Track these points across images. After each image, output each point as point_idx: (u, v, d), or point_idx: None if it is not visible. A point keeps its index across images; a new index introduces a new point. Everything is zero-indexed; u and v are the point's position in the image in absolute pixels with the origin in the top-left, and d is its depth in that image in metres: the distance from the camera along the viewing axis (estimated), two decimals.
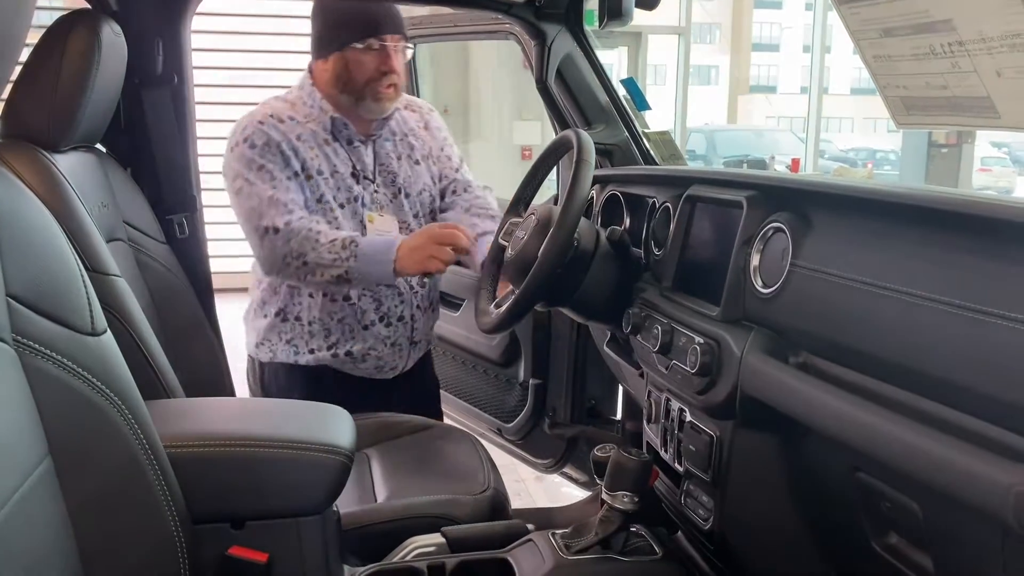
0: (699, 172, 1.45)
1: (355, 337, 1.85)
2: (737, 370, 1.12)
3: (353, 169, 1.83)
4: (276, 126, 1.77)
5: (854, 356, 0.99)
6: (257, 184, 1.73)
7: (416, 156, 1.93)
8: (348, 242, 1.70)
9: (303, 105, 1.82)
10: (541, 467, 2.37)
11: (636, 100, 1.94)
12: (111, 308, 1.30)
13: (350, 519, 1.41)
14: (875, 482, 0.97)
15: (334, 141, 1.82)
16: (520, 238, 1.56)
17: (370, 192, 1.85)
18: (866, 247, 1.00)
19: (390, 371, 1.91)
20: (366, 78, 1.77)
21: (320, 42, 1.81)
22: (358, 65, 1.76)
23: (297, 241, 1.69)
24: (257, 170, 1.74)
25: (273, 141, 1.75)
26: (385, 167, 1.88)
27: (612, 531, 1.28)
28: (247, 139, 1.75)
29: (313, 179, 1.78)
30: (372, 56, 1.76)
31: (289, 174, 1.76)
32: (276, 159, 1.75)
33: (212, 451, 1.12)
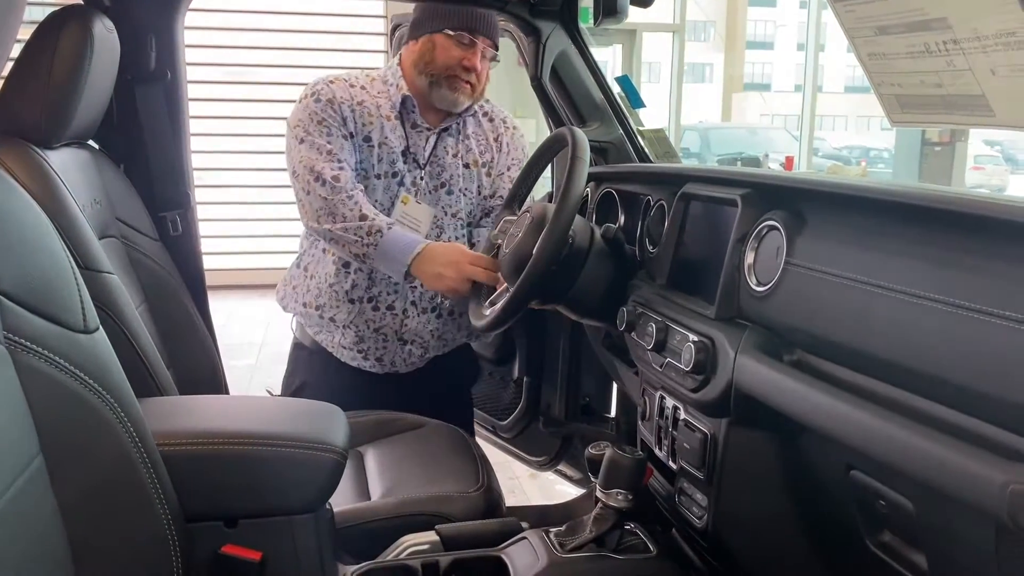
0: (694, 170, 1.45)
1: (339, 306, 1.88)
2: (731, 368, 1.12)
3: (406, 148, 1.87)
4: (344, 87, 1.83)
5: (848, 354, 0.99)
6: (315, 136, 1.79)
7: (470, 159, 1.94)
8: (375, 230, 1.74)
9: (381, 81, 1.89)
10: (535, 465, 2.37)
11: (631, 97, 1.94)
12: (104, 306, 1.30)
13: (344, 517, 1.41)
14: (869, 480, 0.97)
15: (397, 119, 1.86)
16: (515, 236, 1.56)
17: (413, 176, 1.88)
18: (860, 245, 1.00)
19: (376, 362, 1.91)
20: (448, 64, 1.81)
21: (417, 24, 1.87)
22: (445, 50, 1.81)
23: (335, 201, 1.75)
24: (317, 123, 1.80)
25: (337, 99, 1.81)
26: (438, 159, 1.90)
27: (606, 529, 1.28)
28: (314, 93, 1.82)
29: (360, 144, 1.83)
30: (461, 47, 1.81)
31: (345, 133, 1.81)
32: (336, 116, 1.81)
33: (205, 449, 1.11)
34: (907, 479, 0.87)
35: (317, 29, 6.66)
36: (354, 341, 1.90)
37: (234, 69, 6.52)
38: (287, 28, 6.63)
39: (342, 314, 1.88)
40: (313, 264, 1.92)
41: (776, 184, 1.19)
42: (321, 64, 5.77)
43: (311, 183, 1.77)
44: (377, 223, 1.75)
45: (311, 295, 1.91)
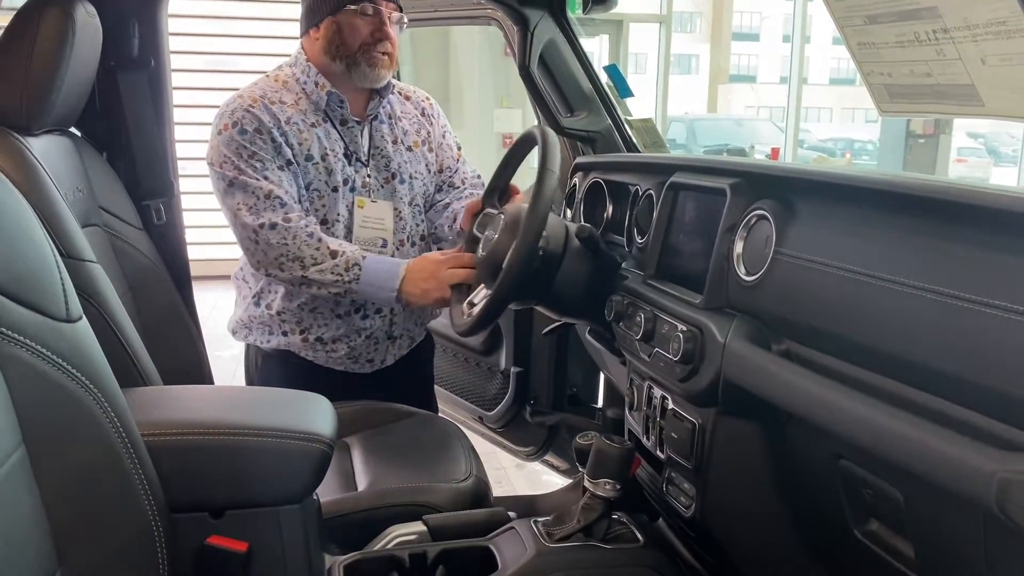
0: (682, 159, 1.45)
1: (327, 324, 1.80)
2: (720, 358, 1.12)
3: (346, 150, 1.78)
4: (267, 108, 1.70)
5: (837, 344, 0.99)
6: (249, 175, 1.66)
7: (410, 142, 1.88)
8: (351, 264, 1.67)
9: (295, 83, 1.77)
10: (522, 455, 2.37)
11: (619, 87, 1.93)
12: (86, 294, 1.28)
13: (331, 507, 1.40)
14: (857, 469, 0.97)
15: (325, 121, 1.77)
16: (491, 238, 1.55)
17: (362, 176, 1.80)
18: (850, 235, 1.00)
19: (366, 363, 1.87)
20: (360, 41, 1.72)
21: (312, 10, 1.76)
22: (352, 29, 1.72)
23: (296, 245, 1.65)
24: (248, 158, 1.67)
25: (265, 126, 1.68)
26: (379, 150, 1.83)
27: (594, 519, 1.28)
28: (236, 123, 1.68)
29: (303, 165, 1.73)
30: (366, 20, 1.72)
31: (281, 163, 1.70)
32: (268, 146, 1.68)
33: (190, 439, 1.10)
34: (895, 468, 0.87)
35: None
36: (345, 352, 1.84)
37: (220, 57, 6.47)
38: (272, 16, 6.58)
39: (330, 331, 1.81)
40: (280, 300, 1.79)
41: (765, 173, 1.19)
42: None
43: (259, 232, 1.65)
44: (351, 256, 1.68)
45: (289, 325, 1.81)
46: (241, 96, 1.72)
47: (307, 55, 1.78)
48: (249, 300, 1.83)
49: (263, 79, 1.78)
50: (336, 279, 1.67)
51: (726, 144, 12.70)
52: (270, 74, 1.80)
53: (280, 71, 1.80)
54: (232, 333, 1.89)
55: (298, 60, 1.79)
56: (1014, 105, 0.96)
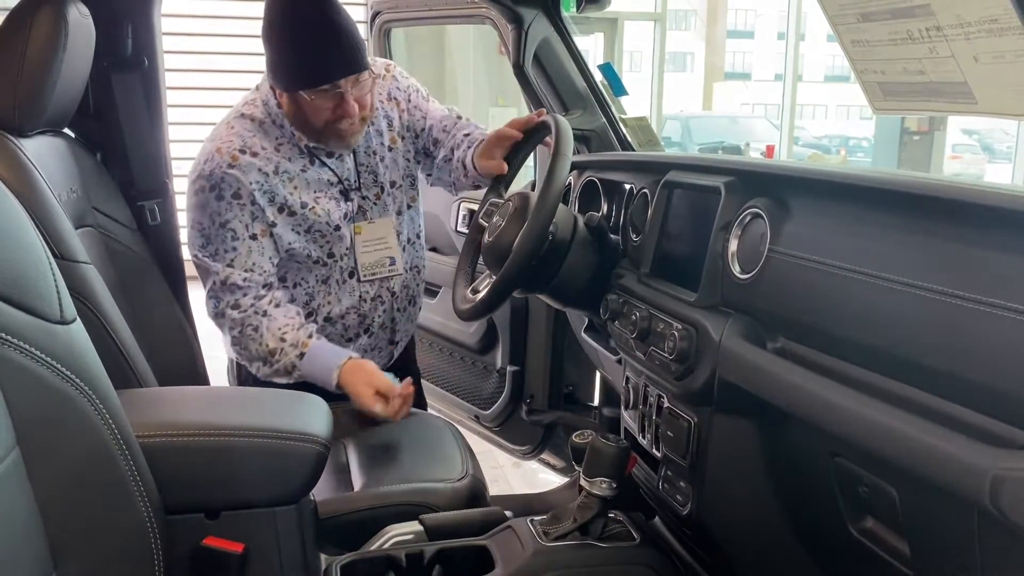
0: (677, 158, 1.45)
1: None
2: (715, 356, 1.12)
3: (342, 187, 1.72)
4: (251, 163, 1.61)
5: (832, 341, 0.99)
6: (217, 244, 1.61)
7: (387, 142, 1.80)
8: (288, 368, 1.64)
9: (274, 127, 1.66)
10: (519, 453, 2.37)
11: (613, 85, 1.93)
12: (80, 296, 1.28)
13: (327, 507, 1.40)
14: (853, 467, 0.97)
15: (313, 162, 1.69)
16: (497, 225, 1.55)
17: (356, 202, 1.75)
18: (844, 232, 1.01)
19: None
20: (323, 121, 1.61)
21: (273, 73, 1.62)
22: (313, 109, 1.59)
23: (244, 339, 1.65)
24: (220, 227, 1.61)
25: (246, 190, 1.60)
26: (367, 167, 1.77)
27: (590, 517, 1.28)
28: (215, 187, 1.59)
29: (298, 214, 1.66)
30: (326, 100, 1.58)
31: (257, 231, 1.63)
32: (244, 213, 1.61)
33: (185, 441, 1.10)
34: (890, 466, 0.88)
35: None
36: None
37: (213, 57, 6.45)
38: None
39: None
40: None
41: (760, 172, 1.19)
42: None
43: (216, 315, 1.66)
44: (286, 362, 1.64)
45: None
46: (219, 151, 1.61)
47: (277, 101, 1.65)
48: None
49: (236, 120, 1.66)
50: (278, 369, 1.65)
51: (721, 141, 12.70)
52: (244, 112, 1.67)
53: (253, 108, 1.67)
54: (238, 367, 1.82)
55: (268, 103, 1.66)
56: (1007, 103, 0.96)
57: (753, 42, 28.22)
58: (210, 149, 1.62)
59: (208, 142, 1.64)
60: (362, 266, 1.75)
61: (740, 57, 28.06)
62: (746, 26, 28.62)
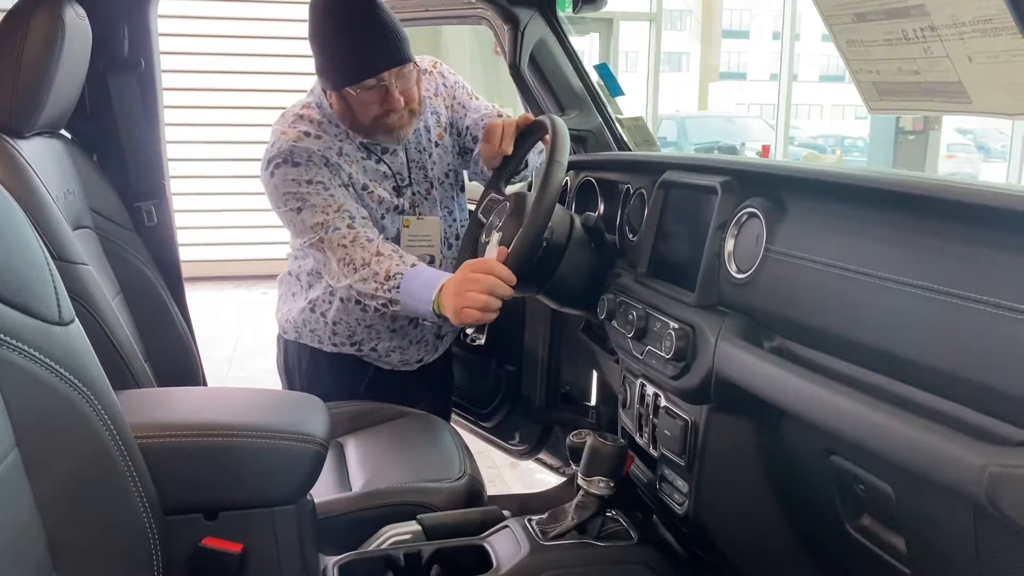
0: (673, 158, 1.45)
1: (381, 337, 1.83)
2: (712, 355, 1.12)
3: (395, 181, 1.76)
4: (315, 143, 1.66)
5: (828, 340, 0.99)
6: (314, 198, 1.63)
7: (435, 137, 1.83)
8: (392, 274, 1.58)
9: (331, 126, 1.71)
10: (516, 453, 2.37)
11: (609, 85, 1.94)
12: (78, 297, 1.28)
13: (325, 508, 1.40)
14: (849, 465, 0.98)
15: (368, 158, 1.73)
16: (494, 224, 1.55)
17: (408, 197, 1.78)
18: (840, 232, 1.01)
19: (416, 363, 1.90)
20: (371, 117, 1.64)
21: (321, 75, 1.66)
22: (359, 105, 1.62)
23: (354, 248, 1.61)
24: (307, 184, 1.63)
25: (316, 155, 1.65)
26: (417, 163, 1.80)
27: (588, 516, 1.28)
28: (286, 159, 1.63)
29: (358, 192, 1.70)
30: (372, 95, 1.61)
31: (339, 183, 1.66)
32: (323, 171, 1.65)
33: (184, 441, 1.10)
34: (887, 463, 0.88)
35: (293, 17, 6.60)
36: (399, 359, 1.87)
37: (209, 58, 6.45)
38: (262, 16, 6.56)
39: (384, 343, 1.83)
40: (335, 311, 1.80)
41: (756, 171, 1.20)
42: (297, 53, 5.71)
43: (325, 240, 1.62)
44: (392, 266, 1.59)
45: (340, 337, 1.82)
46: (285, 133, 1.67)
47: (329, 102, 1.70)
48: (303, 303, 1.83)
49: (294, 119, 1.70)
50: (375, 291, 1.59)
51: (717, 141, 12.71)
52: (301, 114, 1.71)
53: (308, 110, 1.71)
54: (281, 331, 1.90)
55: (322, 104, 1.71)
56: (1001, 102, 0.97)
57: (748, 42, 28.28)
58: (274, 139, 1.67)
59: (270, 137, 1.69)
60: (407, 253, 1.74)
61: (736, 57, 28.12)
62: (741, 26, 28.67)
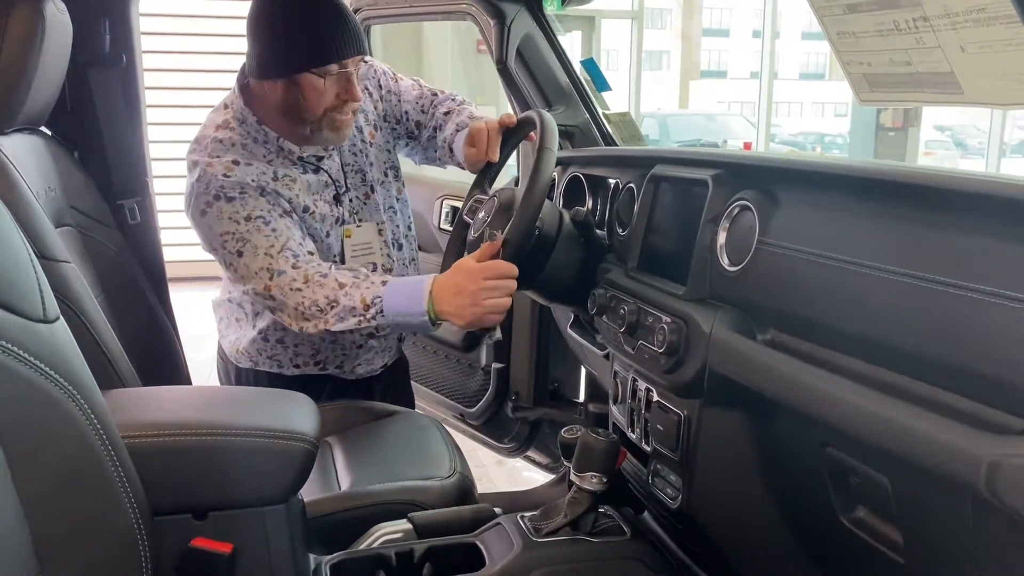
0: (663, 152, 1.45)
1: (347, 354, 1.74)
2: (705, 348, 1.12)
3: (335, 189, 1.66)
4: (247, 170, 1.53)
5: (823, 332, 0.99)
6: (255, 237, 1.49)
7: (367, 135, 1.73)
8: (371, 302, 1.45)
9: (257, 145, 1.57)
10: (504, 451, 2.37)
11: (596, 81, 1.93)
12: (63, 295, 1.26)
13: (314, 507, 1.38)
14: (844, 457, 0.97)
15: (306, 172, 1.61)
16: (483, 221, 1.54)
17: (347, 204, 1.68)
18: (833, 223, 1.01)
19: (380, 368, 1.85)
20: (324, 108, 1.52)
21: (263, 64, 1.52)
22: (316, 94, 1.51)
23: (311, 288, 1.48)
24: (246, 221, 1.49)
25: (252, 187, 1.51)
26: (353, 167, 1.70)
27: (581, 512, 1.28)
28: (218, 195, 1.50)
29: (300, 218, 1.59)
30: (332, 82, 1.51)
31: (279, 212, 1.53)
32: (261, 202, 1.51)
33: (172, 440, 1.08)
34: (883, 454, 0.88)
35: None
36: (365, 370, 1.81)
37: (195, 57, 6.39)
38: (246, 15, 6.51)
39: (350, 359, 1.75)
40: (293, 335, 1.66)
41: (747, 164, 1.19)
42: None
43: (272, 286, 1.49)
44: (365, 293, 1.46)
45: (303, 359, 1.72)
46: (210, 165, 1.51)
47: (250, 103, 1.57)
48: (253, 333, 1.70)
49: (214, 145, 1.54)
50: (357, 323, 1.46)
51: (698, 139, 12.76)
52: (219, 138, 1.55)
53: (227, 132, 1.56)
54: (233, 360, 1.77)
55: (245, 120, 1.57)
56: (993, 92, 0.97)
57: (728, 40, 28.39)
58: (199, 173, 1.52)
59: (192, 170, 1.54)
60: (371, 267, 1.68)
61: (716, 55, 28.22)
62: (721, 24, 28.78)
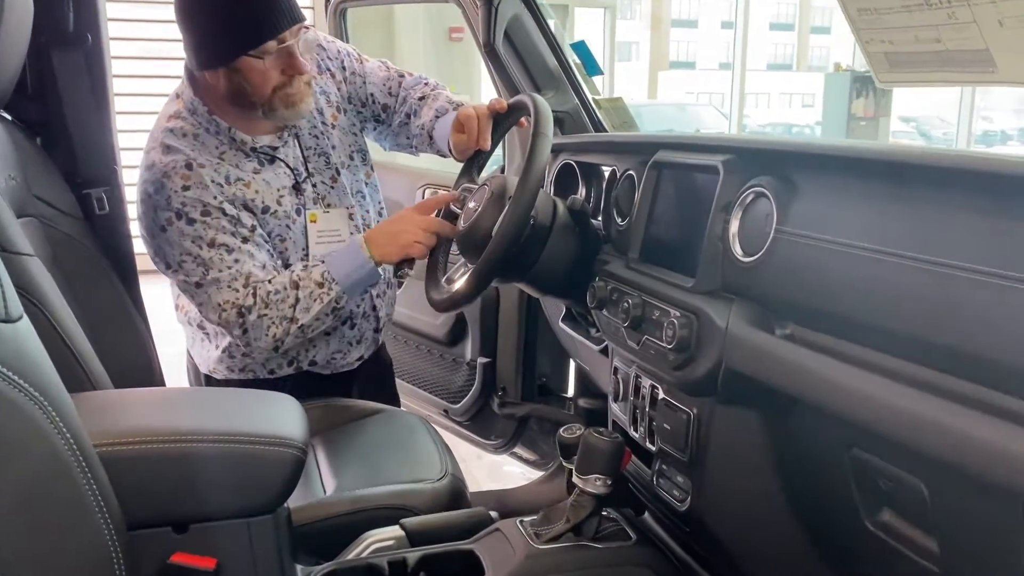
0: (666, 137, 1.38)
1: (318, 347, 1.68)
2: (720, 344, 1.06)
3: (295, 180, 1.60)
4: (203, 177, 1.47)
5: (847, 325, 0.93)
6: (217, 267, 1.47)
7: (328, 117, 1.66)
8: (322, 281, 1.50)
9: (209, 136, 1.52)
10: (490, 448, 2.30)
11: (587, 65, 1.86)
12: (26, 291, 1.16)
13: (299, 515, 1.30)
14: (872, 458, 0.91)
15: (263, 165, 1.56)
16: (473, 210, 1.47)
17: (309, 192, 1.62)
18: (859, 209, 0.95)
19: (356, 361, 1.78)
20: (271, 88, 1.46)
21: (198, 55, 1.46)
22: (259, 76, 1.44)
23: (274, 308, 1.49)
24: (209, 247, 1.46)
25: (213, 206, 1.47)
26: (315, 151, 1.64)
27: (584, 517, 1.21)
28: (180, 215, 1.46)
29: (263, 218, 1.55)
30: (273, 60, 1.44)
31: (245, 233, 1.50)
32: (223, 223, 1.48)
33: (148, 448, 1.00)
34: (919, 457, 0.82)
35: None
36: (342, 363, 1.74)
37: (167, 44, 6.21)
38: None
39: (321, 353, 1.70)
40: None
41: (762, 149, 1.13)
42: None
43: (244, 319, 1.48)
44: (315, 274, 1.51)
45: (275, 364, 1.67)
46: (167, 176, 1.46)
47: (202, 98, 1.52)
48: (218, 352, 1.67)
49: (166, 139, 1.50)
50: (320, 302, 1.51)
51: (670, 129, 12.76)
52: (171, 128, 1.51)
53: (179, 122, 1.52)
54: (208, 372, 1.72)
55: (196, 110, 1.52)
56: None
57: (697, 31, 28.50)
58: (155, 179, 1.47)
59: (147, 172, 1.49)
60: (313, 258, 1.61)
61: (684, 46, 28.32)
62: (690, 15, 28.87)
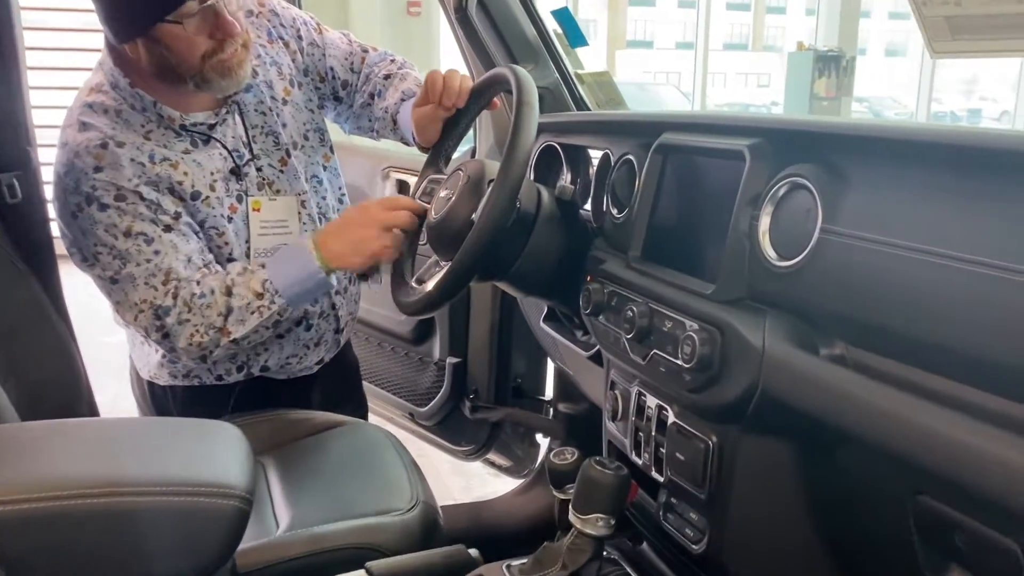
0: (675, 116, 1.20)
1: (270, 351, 1.50)
2: (756, 365, 0.88)
3: (233, 164, 1.40)
4: (119, 156, 1.29)
5: (913, 347, 0.77)
6: (135, 261, 1.30)
7: (279, 91, 1.47)
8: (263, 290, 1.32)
9: (134, 112, 1.34)
10: (460, 455, 2.13)
11: (570, 35, 1.66)
12: None
13: (246, 559, 1.11)
14: (945, 509, 0.75)
15: (195, 145, 1.37)
16: (446, 199, 1.27)
17: (252, 177, 1.43)
18: (925, 206, 0.78)
19: (315, 366, 1.58)
20: (200, 54, 1.27)
21: (113, 24, 1.27)
22: (183, 43, 1.25)
23: (201, 312, 1.32)
24: (124, 237, 1.29)
25: (128, 189, 1.29)
26: (261, 129, 1.44)
27: (584, 562, 1.04)
28: (90, 198, 1.28)
29: (192, 204, 1.36)
30: (196, 24, 1.24)
31: (167, 221, 1.32)
32: (141, 208, 1.30)
33: (51, 507, 0.79)
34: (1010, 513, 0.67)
35: None
36: (299, 367, 1.55)
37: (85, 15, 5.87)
38: None
39: (274, 357, 1.50)
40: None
41: (799, 131, 0.95)
42: None
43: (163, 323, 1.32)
44: (254, 281, 1.33)
45: (222, 368, 1.49)
46: (78, 156, 1.28)
47: (124, 70, 1.33)
48: (158, 357, 1.49)
49: (83, 115, 1.32)
50: (259, 315, 1.33)
51: None
52: (90, 102, 1.33)
53: (100, 95, 1.33)
54: (150, 376, 1.53)
55: (118, 83, 1.33)
56: None
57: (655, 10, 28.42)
58: (66, 159, 1.30)
59: (60, 151, 1.31)
60: (255, 251, 1.42)
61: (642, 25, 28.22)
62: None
